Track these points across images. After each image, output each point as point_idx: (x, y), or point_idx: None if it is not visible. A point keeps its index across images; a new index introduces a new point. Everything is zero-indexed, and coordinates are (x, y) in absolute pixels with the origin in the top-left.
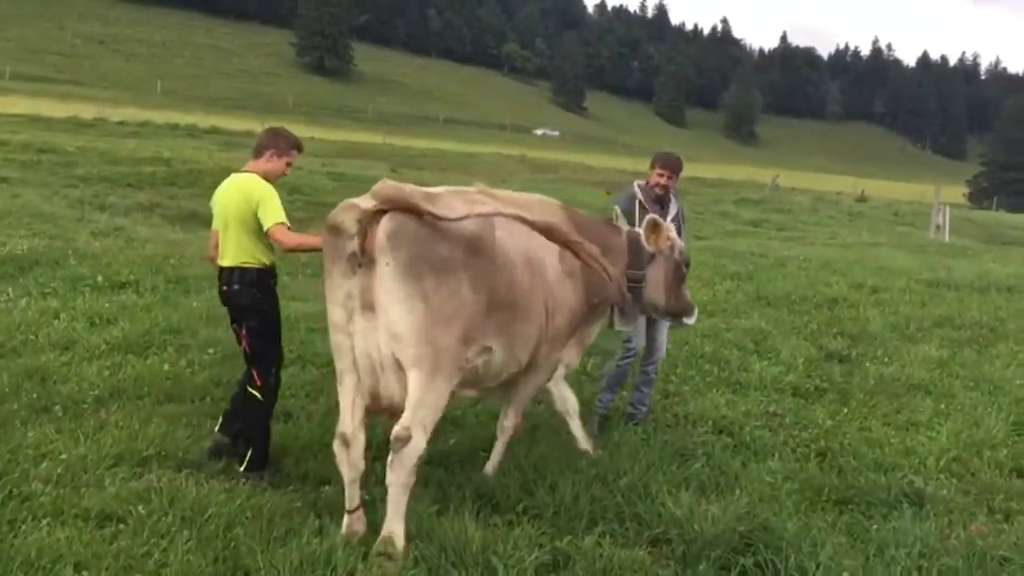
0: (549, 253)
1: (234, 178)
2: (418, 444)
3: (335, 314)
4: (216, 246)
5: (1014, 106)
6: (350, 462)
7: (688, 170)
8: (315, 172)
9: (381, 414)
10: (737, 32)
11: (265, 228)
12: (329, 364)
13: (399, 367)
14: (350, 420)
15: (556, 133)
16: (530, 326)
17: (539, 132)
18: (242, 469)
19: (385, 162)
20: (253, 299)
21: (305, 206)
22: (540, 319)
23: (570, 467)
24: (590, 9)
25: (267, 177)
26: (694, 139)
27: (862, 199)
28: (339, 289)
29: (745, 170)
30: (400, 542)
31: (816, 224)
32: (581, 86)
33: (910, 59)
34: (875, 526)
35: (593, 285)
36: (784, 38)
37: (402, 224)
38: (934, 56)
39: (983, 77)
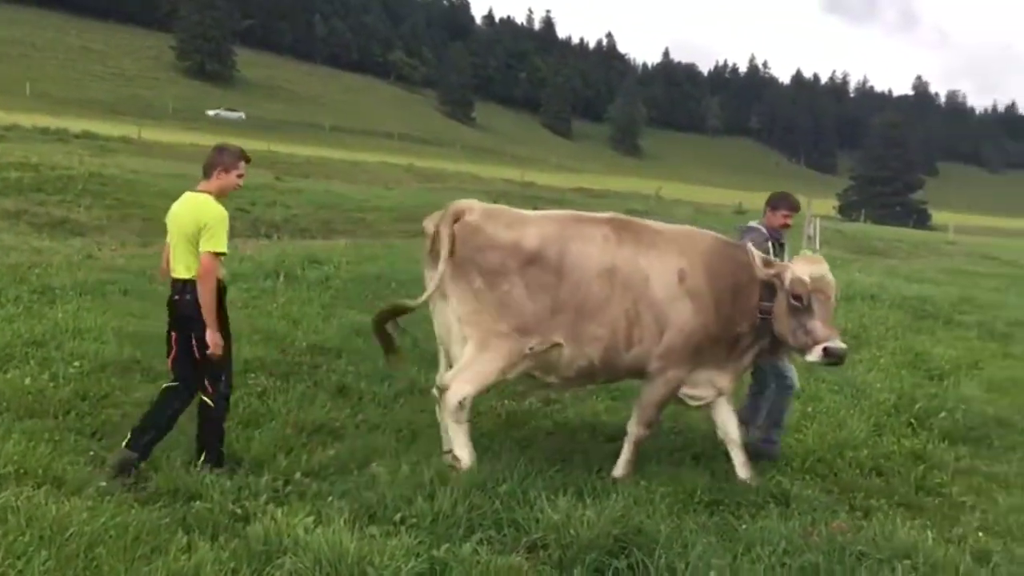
0: (660, 270)
1: (188, 196)
2: (455, 392)
3: (432, 297)
4: (168, 259)
5: (880, 123)
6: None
7: (575, 181)
8: (198, 179)
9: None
10: (622, 47)
11: (200, 250)
12: None
13: (463, 342)
14: (442, 383)
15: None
16: (599, 328)
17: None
18: (197, 468)
19: (269, 170)
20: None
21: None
22: (616, 324)
23: (452, 476)
24: (478, 20)
25: (222, 192)
26: (581, 151)
27: (740, 210)
28: (428, 278)
29: (630, 182)
30: (465, 462)
31: None
32: (469, 96)
33: (785, 76)
34: (744, 525)
35: (736, 312)
36: (666, 54)
37: (460, 233)
38: (807, 74)
39: (852, 95)
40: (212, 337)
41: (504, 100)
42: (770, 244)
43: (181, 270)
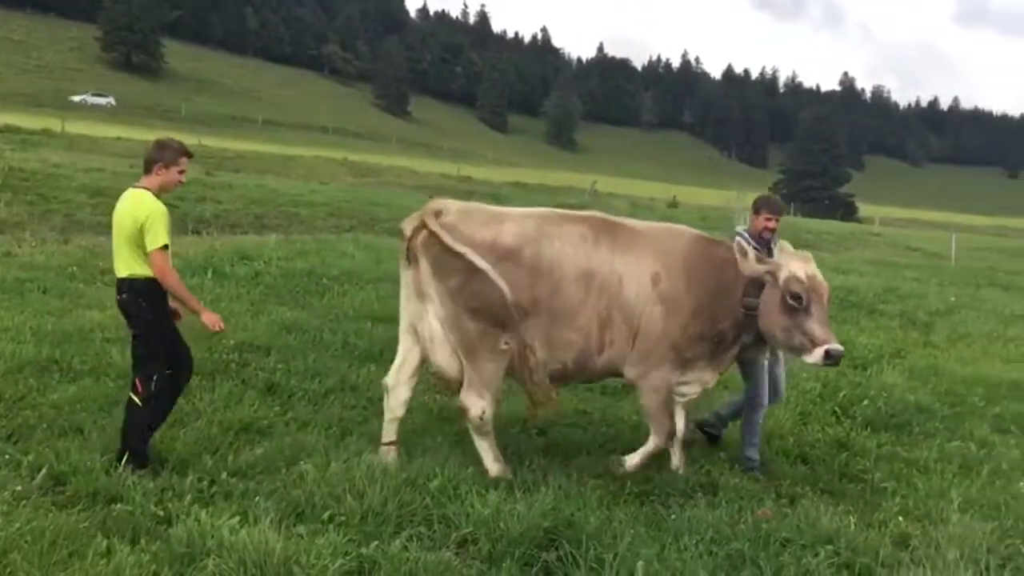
0: (635, 272)
1: (128, 193)
2: (475, 412)
3: (401, 293)
4: None
5: (809, 117)
6: (389, 406)
7: (511, 175)
8: (120, 174)
9: (437, 380)
10: (557, 41)
11: (147, 250)
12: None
13: (445, 342)
14: (395, 374)
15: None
16: (571, 332)
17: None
18: (120, 467)
19: (199, 165)
20: (139, 308)
21: (110, 210)
22: (589, 328)
23: (382, 472)
24: (412, 14)
25: (163, 189)
26: (517, 145)
27: (674, 204)
28: (403, 276)
29: (565, 176)
30: (494, 471)
31: None
32: (404, 90)
33: (716, 72)
34: (672, 515)
35: (719, 310)
36: (601, 48)
37: (432, 235)
38: (738, 69)
39: (782, 90)
40: (207, 318)
41: (440, 94)
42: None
43: (121, 268)
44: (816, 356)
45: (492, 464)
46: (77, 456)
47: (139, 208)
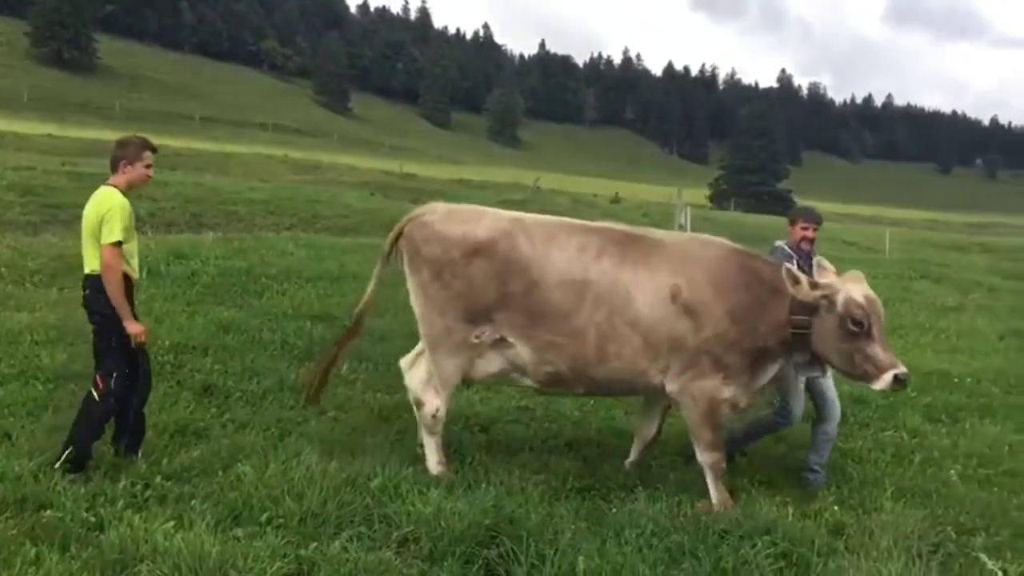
0: (648, 287)
1: (98, 190)
2: (430, 407)
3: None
4: None
5: (748, 114)
6: (408, 386)
7: (454, 172)
8: (51, 172)
9: None
10: (499, 38)
11: (101, 243)
12: (55, 379)
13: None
14: (412, 357)
15: None
16: (556, 336)
17: None
18: (56, 465)
19: None
20: (98, 303)
21: (40, 208)
22: (582, 336)
23: (321, 472)
24: (352, 9)
25: (131, 186)
26: (459, 142)
27: (616, 200)
28: (376, 274)
29: (509, 172)
30: (433, 470)
31: None
32: (345, 87)
33: (657, 69)
34: (613, 510)
35: (761, 324)
36: (543, 45)
37: (410, 231)
38: (678, 67)
39: (721, 87)
40: (130, 327)
41: (381, 91)
42: (795, 261)
43: (85, 264)
44: (884, 382)
45: (435, 466)
46: (5, 462)
47: (102, 203)
